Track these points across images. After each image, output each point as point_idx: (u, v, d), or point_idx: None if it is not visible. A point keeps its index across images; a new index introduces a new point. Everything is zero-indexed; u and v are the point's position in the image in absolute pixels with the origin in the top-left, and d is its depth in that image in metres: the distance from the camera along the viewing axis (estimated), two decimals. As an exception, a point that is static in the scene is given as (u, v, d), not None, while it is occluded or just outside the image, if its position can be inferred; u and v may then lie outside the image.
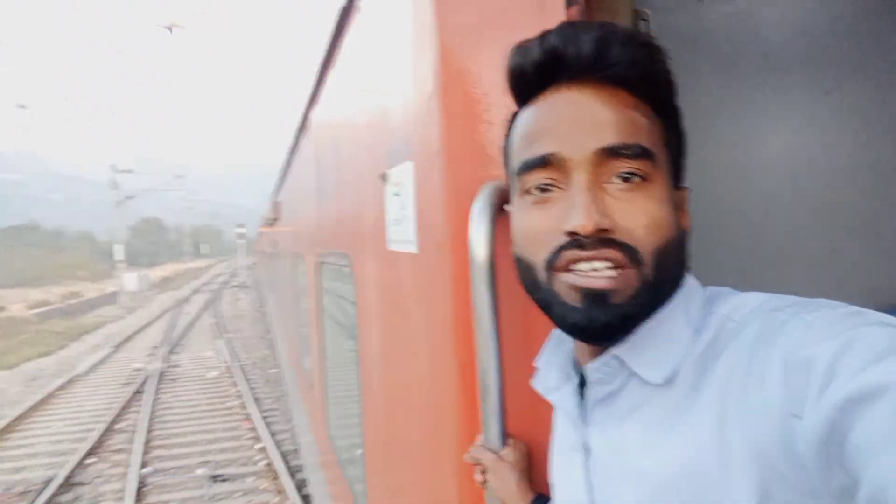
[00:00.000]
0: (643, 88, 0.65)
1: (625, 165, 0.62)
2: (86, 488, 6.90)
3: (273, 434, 8.10)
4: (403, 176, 1.31)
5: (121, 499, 6.48)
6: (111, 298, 34.32)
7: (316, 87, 2.90)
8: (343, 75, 2.20)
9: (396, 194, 1.39)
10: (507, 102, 0.75)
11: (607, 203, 0.62)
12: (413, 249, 1.29)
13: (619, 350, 0.67)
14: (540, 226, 0.66)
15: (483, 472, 0.96)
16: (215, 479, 6.87)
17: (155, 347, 16.05)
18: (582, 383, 0.75)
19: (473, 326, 0.94)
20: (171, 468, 7.32)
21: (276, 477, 6.73)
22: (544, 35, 0.66)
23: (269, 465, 7.15)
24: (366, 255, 1.82)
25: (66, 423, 9.52)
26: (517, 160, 0.69)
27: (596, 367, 0.69)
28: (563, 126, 0.64)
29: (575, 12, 1.00)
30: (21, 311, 28.86)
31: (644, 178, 0.63)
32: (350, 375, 2.41)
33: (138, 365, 13.69)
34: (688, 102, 1.26)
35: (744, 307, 0.62)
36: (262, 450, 7.67)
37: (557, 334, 0.82)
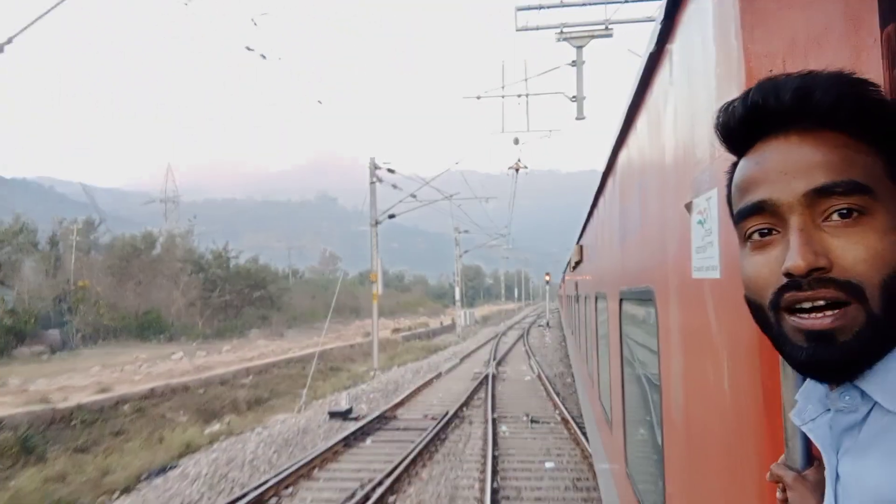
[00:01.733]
0: (854, 126, 0.65)
1: (840, 202, 0.62)
2: (465, 418, 12.68)
3: (566, 408, 12.90)
4: (708, 203, 1.34)
5: (484, 423, 12.04)
6: (448, 329, 43.81)
7: (622, 131, 3.03)
8: (649, 116, 2.31)
9: (700, 222, 1.41)
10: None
11: (825, 241, 0.62)
12: (716, 275, 1.30)
13: (859, 380, 0.66)
14: (761, 269, 0.67)
15: (784, 491, 0.90)
16: (533, 421, 12.07)
17: (486, 362, 22.42)
18: None
19: None
20: (508, 415, 12.74)
21: (567, 423, 11.55)
22: (746, 93, 0.70)
23: (563, 419, 12.03)
24: (669, 285, 1.89)
25: (444, 393, 15.81)
26: (735, 210, 0.72)
27: (836, 397, 0.68)
28: (773, 173, 0.66)
29: (892, 31, 0.95)
30: (390, 335, 39.62)
31: (863, 213, 0.62)
32: (650, 400, 2.53)
33: (478, 370, 19.94)
34: None
35: None
36: (560, 413, 12.58)
37: None
